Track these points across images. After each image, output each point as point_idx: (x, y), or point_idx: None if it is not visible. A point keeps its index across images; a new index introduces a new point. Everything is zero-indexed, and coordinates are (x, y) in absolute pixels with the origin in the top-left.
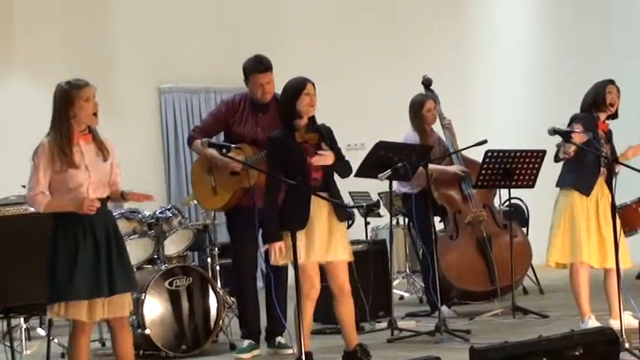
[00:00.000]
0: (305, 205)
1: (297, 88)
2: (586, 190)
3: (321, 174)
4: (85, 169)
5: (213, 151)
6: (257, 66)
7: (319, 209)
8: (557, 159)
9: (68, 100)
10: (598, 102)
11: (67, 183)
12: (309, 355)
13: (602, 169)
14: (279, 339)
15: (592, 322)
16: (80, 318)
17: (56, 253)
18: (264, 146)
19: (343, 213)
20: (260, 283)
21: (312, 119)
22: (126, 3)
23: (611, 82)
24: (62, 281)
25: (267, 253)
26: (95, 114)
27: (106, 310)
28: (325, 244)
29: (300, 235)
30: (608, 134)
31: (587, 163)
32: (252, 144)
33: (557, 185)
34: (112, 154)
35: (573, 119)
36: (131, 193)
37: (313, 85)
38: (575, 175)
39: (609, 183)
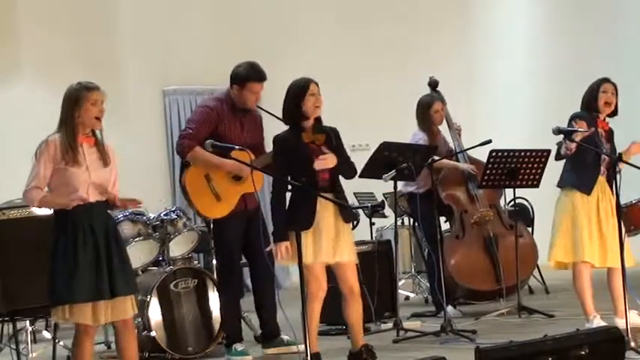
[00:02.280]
0: (311, 205)
1: (301, 89)
2: (587, 189)
3: (328, 175)
4: (86, 169)
5: (213, 156)
6: (256, 74)
7: (326, 210)
8: (558, 157)
9: (75, 101)
10: (593, 103)
11: (67, 181)
12: (317, 356)
13: (602, 167)
14: (286, 338)
15: (597, 322)
16: (85, 321)
17: (57, 256)
18: (252, 150)
19: (348, 214)
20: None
21: (318, 120)
22: (130, 5)
23: (606, 80)
24: (64, 284)
25: (270, 253)
26: (98, 118)
27: (110, 313)
28: (332, 245)
29: (307, 236)
30: (609, 133)
31: (587, 163)
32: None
33: (558, 185)
34: (113, 162)
35: (573, 118)
36: (119, 200)
37: (317, 84)
38: (576, 175)
39: (610, 182)
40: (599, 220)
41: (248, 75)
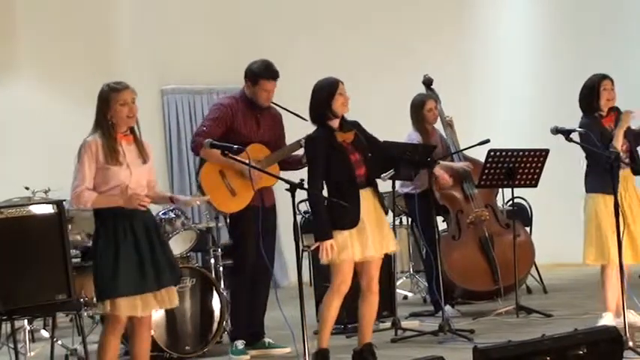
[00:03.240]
0: (355, 203)
1: (331, 88)
2: (610, 190)
3: (364, 170)
4: (127, 167)
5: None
6: (268, 73)
7: (367, 205)
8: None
9: (106, 103)
10: (595, 103)
11: (108, 180)
12: (326, 353)
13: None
14: (268, 340)
15: (607, 320)
16: (132, 313)
17: (99, 252)
18: (269, 146)
19: (384, 206)
20: None
21: (342, 117)
22: (128, 4)
23: (604, 77)
24: (107, 280)
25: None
26: (130, 117)
27: (155, 304)
28: (379, 239)
29: (352, 233)
30: (616, 123)
31: (602, 164)
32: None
33: (586, 190)
34: (152, 159)
35: (581, 127)
36: (177, 197)
37: (343, 84)
38: (597, 178)
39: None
40: (624, 217)
41: (260, 72)
